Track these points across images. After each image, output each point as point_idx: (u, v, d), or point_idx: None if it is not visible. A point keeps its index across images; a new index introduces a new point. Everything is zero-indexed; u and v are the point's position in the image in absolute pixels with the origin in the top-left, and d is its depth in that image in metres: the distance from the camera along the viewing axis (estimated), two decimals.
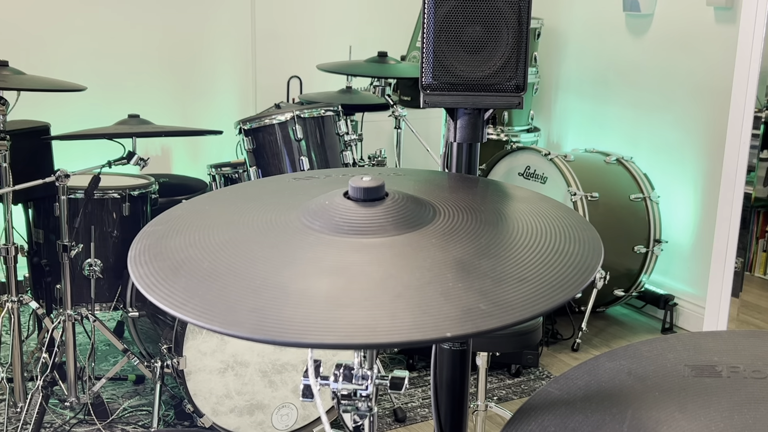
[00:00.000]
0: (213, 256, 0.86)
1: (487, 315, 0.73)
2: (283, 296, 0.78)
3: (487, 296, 0.76)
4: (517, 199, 1.08)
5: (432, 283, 0.78)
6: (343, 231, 0.89)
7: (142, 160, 2.57)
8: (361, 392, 0.99)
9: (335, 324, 0.73)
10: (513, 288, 0.78)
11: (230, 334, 0.73)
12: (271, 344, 0.84)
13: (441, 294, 0.76)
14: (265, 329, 0.72)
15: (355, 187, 0.93)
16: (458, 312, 0.74)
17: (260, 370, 2.42)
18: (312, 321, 0.73)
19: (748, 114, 2.76)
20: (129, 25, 3.82)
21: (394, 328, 0.71)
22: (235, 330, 0.73)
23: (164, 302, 0.77)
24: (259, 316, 0.74)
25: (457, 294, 0.76)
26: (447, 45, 1.27)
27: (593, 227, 0.97)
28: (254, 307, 0.76)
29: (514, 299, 0.76)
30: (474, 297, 0.76)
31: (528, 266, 0.83)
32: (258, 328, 0.73)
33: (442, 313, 0.74)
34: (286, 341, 0.71)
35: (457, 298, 0.76)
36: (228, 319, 0.74)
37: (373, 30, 4.26)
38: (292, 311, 0.75)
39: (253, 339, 0.72)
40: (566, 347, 3.37)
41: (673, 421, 0.82)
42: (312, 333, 0.72)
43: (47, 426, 2.57)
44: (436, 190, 1.08)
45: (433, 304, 0.75)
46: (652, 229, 3.51)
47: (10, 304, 2.59)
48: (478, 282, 0.79)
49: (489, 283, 0.79)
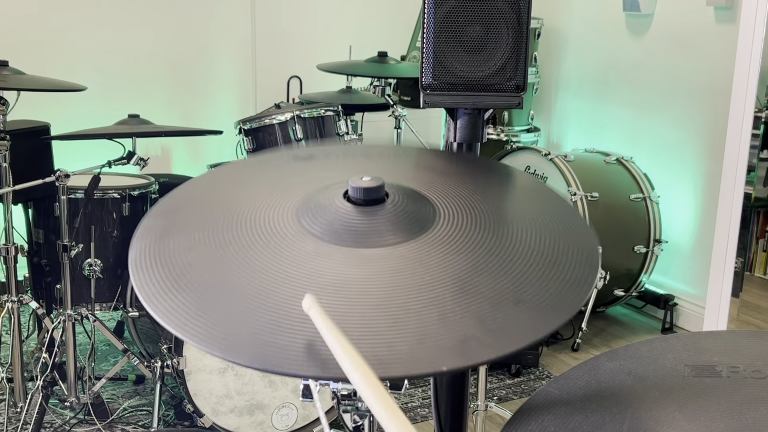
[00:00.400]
0: (213, 264, 0.86)
1: (483, 345, 0.74)
2: (282, 319, 0.77)
3: (484, 322, 0.76)
4: (518, 189, 1.07)
5: (430, 306, 0.78)
6: (343, 240, 0.88)
7: (142, 160, 2.57)
8: None
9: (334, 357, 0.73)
10: (510, 312, 0.78)
11: (231, 361, 0.74)
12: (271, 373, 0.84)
13: (439, 319, 0.76)
14: (265, 358, 0.73)
15: (355, 188, 0.92)
16: (455, 342, 0.74)
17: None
18: (312, 351, 0.73)
19: (748, 114, 2.76)
20: (129, 25, 3.82)
21: (391, 360, 0.72)
22: (234, 357, 0.74)
23: (166, 320, 0.78)
24: (258, 343, 0.75)
25: (455, 320, 0.77)
26: (447, 45, 1.27)
27: (590, 228, 0.96)
28: (254, 332, 0.76)
29: (511, 326, 0.76)
30: (471, 323, 0.76)
31: (525, 284, 0.82)
32: (257, 357, 0.73)
33: (439, 344, 0.74)
34: (285, 372, 0.72)
35: (455, 324, 0.76)
36: (228, 344, 0.75)
37: (373, 30, 4.26)
38: (291, 338, 0.75)
39: (252, 367, 0.74)
40: (566, 347, 3.37)
41: (673, 421, 0.82)
42: (312, 366, 0.72)
43: (47, 426, 2.57)
44: (438, 178, 1.06)
45: (431, 332, 0.75)
46: (652, 229, 3.51)
47: (10, 304, 2.59)
48: (475, 304, 0.79)
49: (486, 306, 0.79)
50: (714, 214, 2.98)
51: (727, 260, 2.87)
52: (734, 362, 0.91)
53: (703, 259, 3.43)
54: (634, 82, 3.82)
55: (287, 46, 4.19)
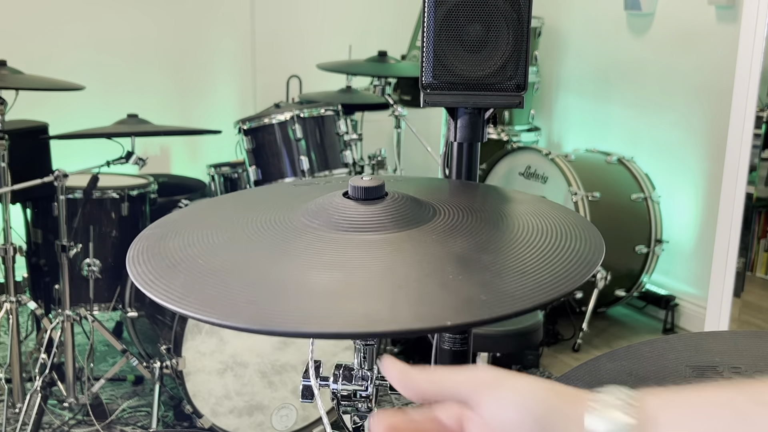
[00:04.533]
0: (211, 254, 0.87)
1: (488, 305, 0.73)
2: (281, 289, 0.78)
3: (487, 287, 0.76)
4: (518, 201, 1.08)
5: (432, 276, 0.78)
6: (342, 228, 0.89)
7: (141, 160, 2.57)
8: (361, 393, 0.98)
9: (335, 314, 0.73)
10: (513, 280, 0.78)
11: (229, 326, 0.73)
12: (270, 335, 0.84)
13: (441, 286, 0.76)
14: (264, 320, 0.72)
15: (355, 187, 0.93)
16: (458, 302, 0.74)
17: (259, 371, 2.41)
18: (311, 311, 0.73)
19: (749, 113, 2.75)
20: (128, 25, 3.81)
21: (394, 318, 0.71)
22: (233, 321, 0.73)
23: (162, 298, 0.77)
24: (257, 308, 0.74)
25: (457, 286, 0.76)
26: (447, 44, 1.26)
27: (594, 226, 0.97)
28: (252, 299, 0.76)
29: (515, 290, 0.76)
30: (474, 288, 0.76)
31: (528, 261, 0.83)
32: (257, 319, 0.73)
33: (442, 304, 0.74)
34: (285, 331, 0.71)
35: (457, 290, 0.76)
36: (226, 311, 0.74)
37: (373, 29, 4.26)
38: (291, 303, 0.75)
39: (252, 330, 0.72)
40: (567, 348, 3.36)
41: None
42: (311, 323, 0.72)
43: (46, 426, 2.57)
44: (436, 193, 1.08)
45: (434, 295, 0.75)
46: (654, 229, 3.50)
47: (8, 304, 2.58)
48: (478, 275, 0.79)
49: (489, 276, 0.78)
50: (715, 214, 2.97)
51: (728, 260, 2.86)
52: (735, 363, 0.90)
53: (704, 259, 3.42)
54: (635, 82, 3.81)
55: (287, 45, 4.18)
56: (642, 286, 3.59)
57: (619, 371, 0.91)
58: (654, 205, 3.51)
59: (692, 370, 0.90)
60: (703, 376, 0.89)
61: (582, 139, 4.12)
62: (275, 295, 0.77)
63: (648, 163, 3.65)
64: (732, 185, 2.82)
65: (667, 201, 3.58)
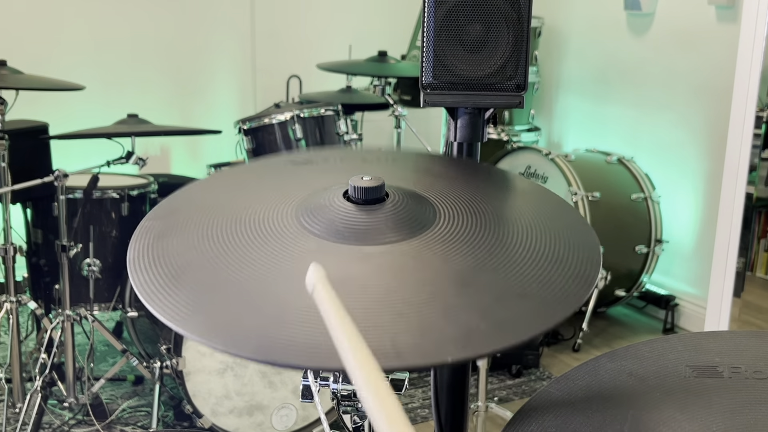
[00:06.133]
0: (213, 263, 0.86)
1: (488, 337, 0.73)
2: (285, 314, 0.77)
3: (487, 315, 0.76)
4: (518, 192, 1.07)
5: (433, 300, 0.78)
6: (343, 238, 0.87)
7: (141, 160, 2.57)
8: None
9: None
10: (514, 305, 0.78)
11: (234, 354, 0.73)
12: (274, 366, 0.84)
13: (442, 313, 0.76)
14: (268, 351, 0.72)
15: (355, 187, 0.92)
16: (459, 334, 0.73)
17: (260, 371, 2.41)
18: (315, 343, 0.73)
19: (749, 113, 2.75)
20: (128, 24, 3.81)
21: (395, 353, 0.71)
22: (238, 351, 0.73)
23: (166, 316, 0.77)
24: (261, 337, 0.74)
25: (457, 313, 0.76)
26: (447, 44, 1.26)
27: (591, 229, 0.96)
28: (256, 326, 0.75)
29: (515, 318, 0.76)
30: (475, 316, 0.76)
31: (528, 280, 0.82)
32: (261, 350, 0.73)
33: (443, 336, 0.73)
34: (289, 364, 0.71)
35: (458, 318, 0.75)
36: (231, 339, 0.74)
37: (373, 29, 4.26)
38: (295, 331, 0.74)
39: (256, 360, 0.72)
40: (567, 348, 3.36)
41: (674, 422, 0.82)
42: (316, 357, 0.71)
43: (46, 426, 2.57)
44: (437, 181, 1.06)
45: (434, 324, 0.75)
46: (654, 229, 3.50)
47: (8, 304, 2.58)
48: (478, 298, 0.79)
49: (489, 300, 0.79)
50: (715, 214, 2.97)
51: (728, 260, 2.86)
52: (735, 363, 0.90)
53: (704, 259, 3.42)
54: (635, 81, 3.81)
55: (287, 45, 4.18)
56: (642, 286, 3.59)
57: (619, 371, 0.91)
58: (654, 205, 3.51)
59: (692, 370, 0.90)
60: (703, 376, 0.89)
61: (582, 139, 4.12)
62: (279, 321, 0.76)
63: (648, 163, 3.65)
64: (732, 185, 2.82)
65: (667, 201, 3.59)
